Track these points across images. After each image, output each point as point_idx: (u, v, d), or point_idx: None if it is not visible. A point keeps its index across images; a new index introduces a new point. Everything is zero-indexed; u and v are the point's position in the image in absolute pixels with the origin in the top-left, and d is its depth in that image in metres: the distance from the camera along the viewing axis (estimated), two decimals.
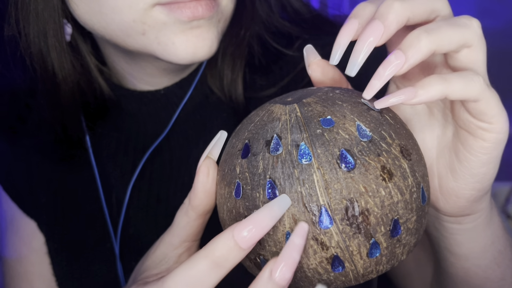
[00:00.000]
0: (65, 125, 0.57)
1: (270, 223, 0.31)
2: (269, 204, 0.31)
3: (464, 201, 0.39)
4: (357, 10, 0.36)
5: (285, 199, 0.31)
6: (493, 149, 0.36)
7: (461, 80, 0.33)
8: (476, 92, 0.33)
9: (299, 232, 0.31)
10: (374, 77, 0.33)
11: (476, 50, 0.34)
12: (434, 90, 0.33)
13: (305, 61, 0.39)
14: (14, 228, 0.63)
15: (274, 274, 0.31)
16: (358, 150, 0.32)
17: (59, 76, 0.52)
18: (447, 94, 0.33)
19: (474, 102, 0.34)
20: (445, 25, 0.33)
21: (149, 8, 0.44)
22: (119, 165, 0.59)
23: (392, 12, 0.33)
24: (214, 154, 0.37)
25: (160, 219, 0.58)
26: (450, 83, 0.33)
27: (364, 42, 0.33)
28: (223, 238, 0.32)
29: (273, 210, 0.31)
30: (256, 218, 0.31)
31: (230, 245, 0.31)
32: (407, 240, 0.33)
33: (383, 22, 0.33)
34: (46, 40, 0.49)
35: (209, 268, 0.32)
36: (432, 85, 0.33)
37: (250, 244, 0.32)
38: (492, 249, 0.44)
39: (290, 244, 0.31)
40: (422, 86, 0.33)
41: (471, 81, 0.33)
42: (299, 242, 0.31)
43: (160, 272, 0.40)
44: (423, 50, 0.33)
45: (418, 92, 0.32)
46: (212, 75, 0.57)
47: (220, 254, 0.32)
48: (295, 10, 0.58)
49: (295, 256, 0.31)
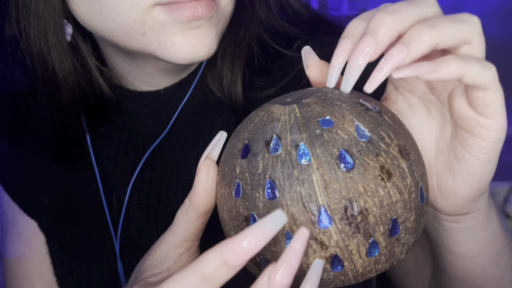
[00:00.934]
0: (65, 125, 0.57)
1: (263, 242, 0.30)
2: (262, 221, 0.30)
3: (462, 200, 0.39)
4: (350, 29, 0.36)
5: (280, 216, 0.30)
6: (492, 148, 0.36)
7: (478, 64, 0.33)
8: (490, 80, 0.33)
9: (299, 238, 0.30)
10: (375, 70, 0.33)
11: (476, 47, 0.34)
12: (452, 68, 0.32)
13: (303, 62, 0.40)
14: (14, 228, 0.64)
15: (273, 279, 0.30)
16: (357, 150, 0.32)
17: (60, 76, 0.52)
18: (464, 74, 0.33)
19: (484, 90, 0.34)
20: (446, 20, 0.33)
21: (149, 8, 0.44)
22: (119, 165, 0.59)
23: (383, 27, 0.33)
24: (214, 154, 0.37)
25: (160, 219, 0.58)
26: (468, 65, 0.33)
27: (357, 59, 0.33)
28: (212, 255, 0.30)
29: (266, 228, 0.30)
30: (247, 236, 0.30)
31: (219, 262, 0.30)
32: (406, 239, 0.33)
33: (374, 38, 0.33)
34: (46, 40, 0.49)
35: (198, 284, 0.30)
36: (450, 63, 0.32)
37: (239, 263, 0.30)
38: (490, 248, 0.44)
39: (289, 250, 0.30)
40: (441, 62, 0.32)
41: (487, 68, 0.33)
42: (299, 248, 0.30)
43: (161, 272, 0.40)
44: (425, 44, 0.32)
45: (437, 68, 0.32)
46: (212, 76, 0.57)
47: (209, 271, 0.30)
48: (294, 10, 0.58)
49: (294, 262, 0.30)
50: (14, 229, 0.64)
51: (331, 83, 0.36)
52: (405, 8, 0.34)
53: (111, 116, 0.60)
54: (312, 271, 0.32)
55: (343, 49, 0.35)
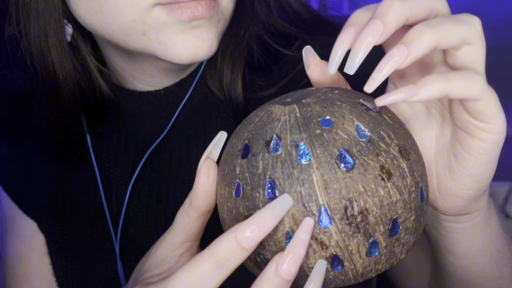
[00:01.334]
0: (65, 124, 0.57)
1: (273, 223, 0.31)
2: (271, 204, 0.31)
3: (462, 201, 0.39)
4: (353, 18, 0.36)
5: (287, 198, 0.31)
6: (491, 149, 0.36)
7: (461, 79, 0.33)
8: (477, 91, 0.33)
9: (304, 227, 0.31)
10: (375, 70, 0.33)
11: (476, 48, 0.34)
12: (435, 88, 0.32)
13: (304, 62, 0.39)
14: (14, 228, 0.63)
15: (280, 268, 0.31)
16: (357, 150, 0.32)
17: (60, 76, 0.52)
18: (448, 92, 0.33)
19: (474, 101, 0.34)
20: (447, 21, 0.33)
21: (150, 8, 0.44)
22: (119, 165, 0.59)
23: (392, 11, 0.33)
24: (214, 154, 0.37)
25: (160, 219, 0.58)
26: (451, 82, 0.33)
27: (363, 40, 0.33)
28: (226, 239, 0.31)
29: (275, 209, 0.31)
30: (258, 218, 0.31)
31: (233, 245, 0.31)
32: (406, 239, 0.33)
33: (383, 21, 0.33)
34: (46, 39, 0.49)
35: (213, 269, 0.32)
36: (433, 83, 0.32)
37: (253, 244, 0.31)
38: (490, 248, 0.44)
39: (296, 239, 0.31)
40: (423, 84, 0.32)
41: (472, 80, 0.33)
42: (305, 236, 0.31)
43: (162, 273, 0.40)
44: (425, 45, 0.32)
45: (419, 90, 0.32)
46: (212, 75, 0.57)
47: (223, 255, 0.31)
48: (294, 10, 0.58)
49: (300, 250, 0.31)
50: (14, 229, 0.64)
51: (331, 69, 0.35)
52: None
53: (111, 116, 0.60)
54: (316, 272, 0.32)
55: (346, 38, 0.35)
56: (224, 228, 0.37)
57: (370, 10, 0.35)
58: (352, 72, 0.34)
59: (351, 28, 0.35)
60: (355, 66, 0.34)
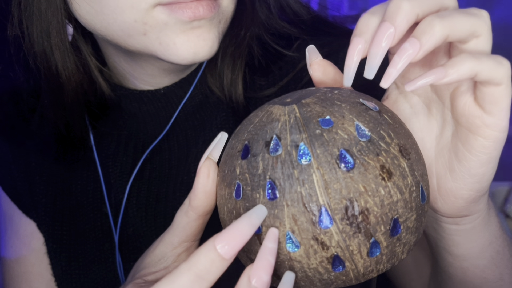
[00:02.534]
0: (68, 124, 0.57)
1: (250, 232, 0.31)
2: (247, 214, 0.32)
3: (462, 202, 0.39)
4: (361, 25, 0.36)
5: (261, 208, 0.32)
6: (493, 148, 0.36)
7: (491, 60, 0.33)
8: (503, 75, 0.33)
9: (270, 237, 0.32)
10: (390, 66, 0.33)
11: (484, 41, 0.34)
12: (465, 68, 0.32)
13: (307, 60, 0.40)
14: (13, 228, 0.63)
15: (252, 279, 0.31)
16: (357, 150, 0.32)
17: (63, 76, 0.52)
18: (477, 72, 0.33)
19: (495, 86, 0.34)
20: (456, 13, 0.33)
21: (150, 8, 0.44)
22: (119, 164, 0.59)
23: (401, 12, 0.33)
24: (214, 155, 0.37)
25: (159, 219, 0.58)
26: (481, 62, 0.33)
27: (379, 46, 0.34)
28: (204, 250, 0.31)
29: (251, 218, 0.31)
30: (236, 228, 0.31)
31: (212, 256, 0.31)
32: (407, 239, 0.33)
33: (393, 23, 0.33)
34: (49, 39, 0.50)
35: (192, 282, 0.32)
36: (462, 63, 0.32)
37: (232, 254, 0.31)
38: (490, 249, 0.44)
39: (264, 249, 0.32)
40: (453, 64, 0.32)
41: (500, 63, 0.33)
42: (272, 245, 0.32)
43: (158, 271, 0.40)
44: (437, 36, 0.32)
45: (448, 71, 0.32)
46: (212, 75, 0.57)
47: (202, 267, 0.31)
48: (294, 11, 0.58)
49: (269, 259, 0.31)
50: (13, 229, 0.63)
51: (348, 83, 0.36)
52: None
53: (111, 116, 0.60)
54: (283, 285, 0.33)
55: (356, 48, 0.35)
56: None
57: (376, 14, 0.36)
58: (371, 77, 0.35)
59: (359, 39, 0.35)
60: (374, 70, 0.34)
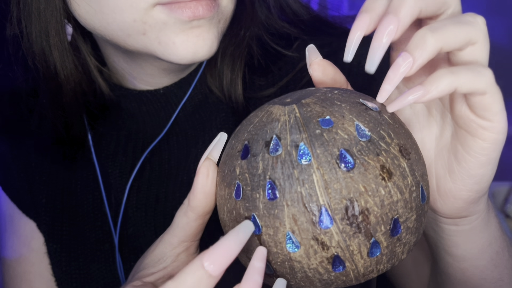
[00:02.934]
0: (67, 124, 0.57)
1: (237, 248, 0.31)
2: (234, 230, 0.32)
3: (461, 203, 0.39)
4: (368, 4, 0.36)
5: (248, 224, 0.32)
6: (492, 150, 0.36)
7: (469, 72, 0.33)
8: (485, 84, 0.33)
9: (258, 256, 0.32)
10: (385, 82, 0.33)
11: (480, 47, 0.34)
12: (444, 84, 0.32)
13: (307, 60, 0.40)
14: (13, 228, 0.63)
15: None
16: (357, 150, 0.32)
17: (61, 75, 0.52)
18: (457, 86, 0.33)
19: (481, 95, 0.34)
20: (450, 23, 0.33)
21: (150, 8, 0.44)
22: (118, 164, 0.59)
23: (405, 5, 0.33)
24: (214, 155, 0.37)
25: (159, 219, 0.58)
26: (459, 76, 0.33)
27: (381, 38, 0.34)
28: (192, 268, 0.31)
29: (238, 235, 0.32)
30: (223, 245, 0.31)
31: (200, 274, 0.31)
32: (407, 239, 0.33)
33: (397, 16, 0.33)
34: (48, 39, 0.50)
35: None
36: (441, 79, 0.32)
37: (219, 271, 0.31)
38: (489, 250, 0.44)
39: (251, 268, 0.31)
40: (432, 82, 0.32)
41: (480, 73, 0.33)
42: (260, 265, 0.31)
43: (157, 271, 0.40)
44: (429, 50, 0.32)
45: (428, 89, 0.32)
46: (212, 75, 0.57)
47: (190, 285, 0.31)
48: (294, 11, 0.58)
49: (257, 278, 0.31)
50: (13, 229, 0.63)
51: (348, 56, 0.35)
52: None
53: (111, 116, 0.60)
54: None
55: (361, 24, 0.35)
56: (224, 230, 0.36)
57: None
58: (373, 71, 0.35)
59: (366, 14, 0.35)
60: (375, 63, 0.34)
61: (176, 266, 0.40)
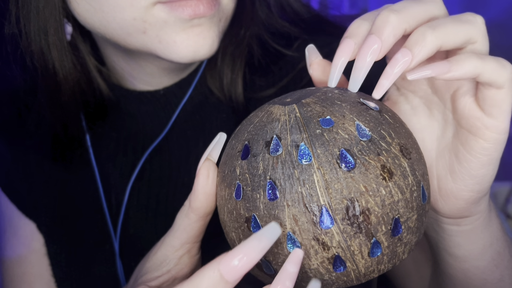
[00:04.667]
0: (65, 124, 0.57)
1: (259, 256, 0.30)
2: (257, 234, 0.30)
3: (463, 203, 0.39)
4: (352, 29, 0.36)
5: (274, 228, 0.30)
6: (494, 150, 0.36)
7: (495, 62, 0.33)
8: (506, 77, 0.33)
9: (293, 259, 0.30)
10: (382, 77, 0.33)
11: (480, 46, 0.34)
12: (469, 67, 0.32)
13: (307, 60, 0.40)
14: (13, 229, 0.63)
15: None
16: (358, 149, 0.32)
17: (60, 75, 0.52)
18: (480, 72, 0.32)
19: (497, 89, 0.34)
20: (450, 21, 0.33)
21: (150, 6, 0.44)
22: (118, 165, 0.59)
23: (388, 26, 0.33)
24: (213, 156, 0.37)
25: (159, 220, 0.58)
26: (485, 63, 0.32)
27: (364, 58, 0.33)
28: (208, 271, 0.30)
29: (261, 241, 0.30)
30: (244, 250, 0.30)
31: (216, 278, 0.30)
32: (408, 239, 0.33)
33: (380, 37, 0.33)
34: (47, 38, 0.49)
35: None
36: (467, 61, 0.32)
37: (236, 278, 0.30)
38: (490, 250, 0.44)
39: (283, 272, 0.30)
40: (458, 61, 0.32)
41: (504, 66, 0.33)
42: (293, 270, 0.30)
43: (161, 275, 0.40)
44: (429, 47, 0.32)
45: (452, 67, 0.32)
46: (212, 75, 0.57)
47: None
48: (294, 10, 0.58)
49: (288, 284, 0.30)
50: (13, 230, 0.63)
51: (332, 82, 0.36)
52: (409, 6, 0.34)
53: (110, 116, 0.59)
54: None
55: (345, 49, 0.35)
56: (225, 230, 0.36)
57: (368, 20, 0.36)
58: (355, 90, 0.35)
59: (350, 40, 0.35)
60: (358, 83, 0.34)
61: (180, 269, 0.40)
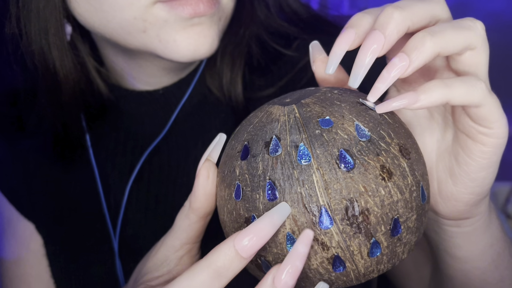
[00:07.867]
0: (66, 124, 0.57)
1: (271, 232, 0.31)
2: (269, 212, 0.31)
3: (463, 205, 0.39)
4: (354, 20, 0.36)
5: (284, 207, 0.31)
6: (493, 153, 0.36)
7: (463, 85, 0.33)
8: (478, 98, 0.33)
9: (303, 239, 0.31)
10: (378, 80, 0.33)
11: (480, 52, 0.34)
12: (436, 95, 0.32)
13: (310, 56, 0.39)
14: (11, 230, 0.63)
15: (277, 281, 0.31)
16: (357, 150, 0.32)
17: (60, 75, 0.52)
18: (449, 99, 0.33)
19: (476, 107, 0.34)
20: (449, 28, 0.33)
21: (150, 5, 0.44)
22: (118, 165, 0.59)
23: (392, 22, 0.33)
24: (213, 156, 0.37)
25: (159, 220, 0.58)
26: (452, 88, 0.33)
27: (366, 53, 0.33)
28: (224, 248, 0.32)
29: (273, 218, 0.31)
30: (256, 227, 0.31)
31: (231, 254, 0.31)
32: (407, 239, 0.33)
33: (384, 33, 0.33)
34: (47, 38, 0.49)
35: (211, 278, 0.32)
36: (434, 90, 0.32)
37: (251, 253, 0.31)
38: (490, 251, 0.44)
39: (293, 252, 0.31)
40: (424, 91, 0.32)
41: (473, 86, 0.33)
42: (303, 250, 0.31)
43: (161, 275, 0.39)
44: (427, 53, 0.32)
45: (420, 97, 0.32)
46: (211, 75, 0.57)
47: (221, 264, 0.32)
48: (293, 10, 0.58)
49: (298, 264, 0.31)
50: (11, 231, 0.63)
51: (330, 69, 0.35)
52: (413, 4, 0.34)
53: (109, 116, 0.59)
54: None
55: (346, 38, 0.35)
56: (224, 230, 0.36)
57: (371, 14, 0.35)
58: (356, 86, 0.34)
59: (351, 29, 0.35)
60: (359, 79, 0.34)
61: (180, 270, 0.40)
